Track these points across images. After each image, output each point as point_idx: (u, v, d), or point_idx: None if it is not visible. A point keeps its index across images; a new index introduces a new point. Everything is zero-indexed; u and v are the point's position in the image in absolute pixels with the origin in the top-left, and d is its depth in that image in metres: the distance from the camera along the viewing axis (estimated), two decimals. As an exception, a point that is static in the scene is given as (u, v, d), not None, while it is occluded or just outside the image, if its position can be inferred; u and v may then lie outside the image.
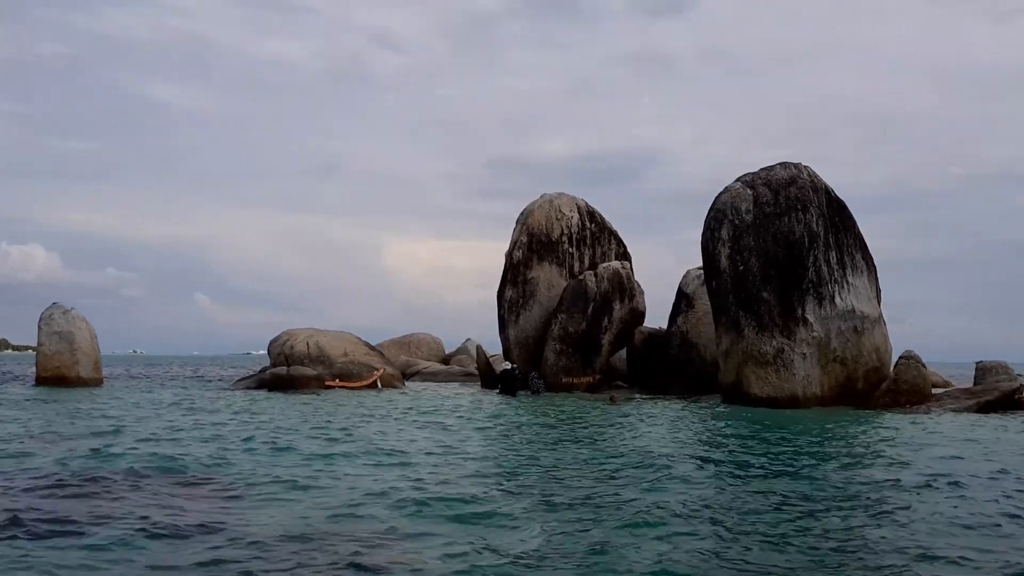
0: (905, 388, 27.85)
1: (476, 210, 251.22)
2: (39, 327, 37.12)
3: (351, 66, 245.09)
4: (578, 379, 33.79)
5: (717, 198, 28.45)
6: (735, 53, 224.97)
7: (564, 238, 37.79)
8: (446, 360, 54.01)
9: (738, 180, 29.01)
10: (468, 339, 57.53)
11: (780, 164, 29.52)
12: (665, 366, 33.95)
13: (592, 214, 38.97)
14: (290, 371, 33.73)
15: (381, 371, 34.39)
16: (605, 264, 36.87)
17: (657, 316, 37.32)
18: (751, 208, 27.60)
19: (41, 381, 36.12)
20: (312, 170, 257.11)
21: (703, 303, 34.37)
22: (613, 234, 39.26)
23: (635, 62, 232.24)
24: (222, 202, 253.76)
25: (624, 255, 39.24)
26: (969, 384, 32.83)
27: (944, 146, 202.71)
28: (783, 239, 27.37)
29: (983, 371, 40.85)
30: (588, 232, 38.43)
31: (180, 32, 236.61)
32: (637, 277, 37.64)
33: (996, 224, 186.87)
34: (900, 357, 28.57)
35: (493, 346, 51.80)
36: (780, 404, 26.10)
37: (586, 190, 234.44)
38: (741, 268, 27.15)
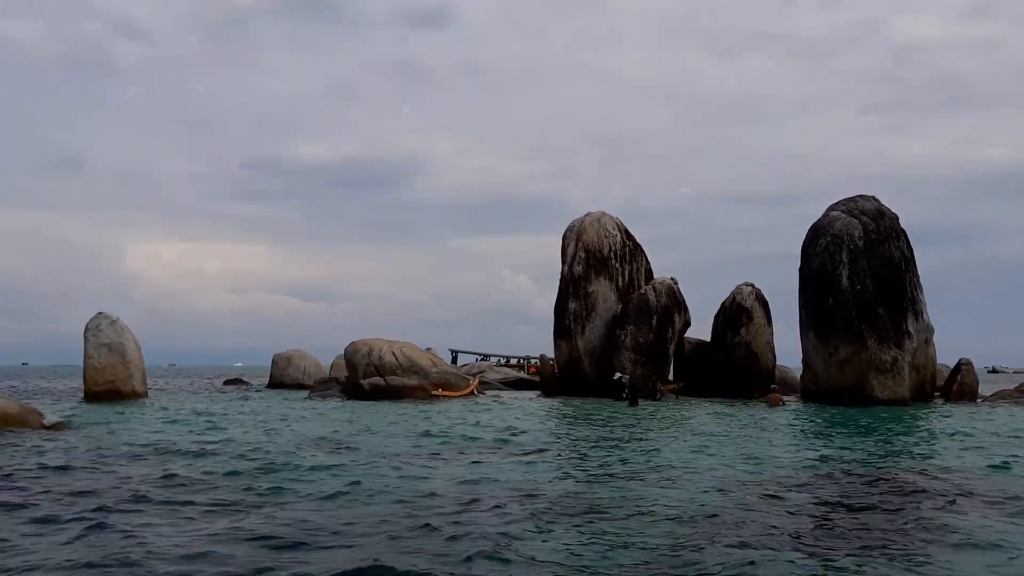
0: (967, 389, 33.27)
1: (229, 212, 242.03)
2: (85, 338, 34.21)
3: (91, 54, 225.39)
4: (665, 386, 36.34)
5: (830, 224, 32.26)
6: (491, 69, 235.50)
7: (612, 254, 40.30)
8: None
9: (836, 209, 33.10)
10: (429, 348, 58.15)
11: (860, 196, 34.04)
12: (726, 372, 37.41)
13: (628, 232, 41.75)
14: (388, 381, 33.70)
15: (476, 380, 35.15)
16: (659, 279, 39.77)
17: (418, 323, 40.86)
18: (862, 235, 31.74)
19: (92, 397, 33.25)
20: (46, 164, 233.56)
21: (758, 316, 38.34)
22: (643, 251, 42.25)
23: (395, 71, 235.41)
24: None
25: (649, 270, 42.33)
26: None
27: (673, 167, 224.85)
28: (886, 262, 31.76)
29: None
30: (627, 249, 41.17)
31: None
32: (399, 286, 41.10)
33: (720, 239, 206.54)
34: (961, 364, 33.99)
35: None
36: (893, 404, 30.29)
37: (347, 195, 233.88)
38: (859, 287, 31.16)
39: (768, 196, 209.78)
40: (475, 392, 34.16)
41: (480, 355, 70.20)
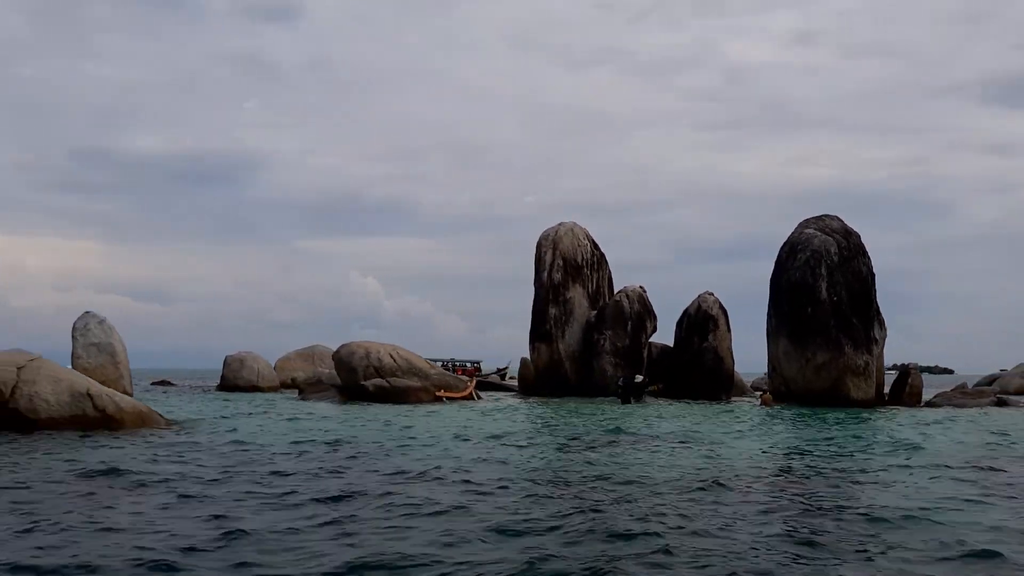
0: (914, 391, 37.11)
1: (55, 204, 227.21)
2: (74, 338, 33.01)
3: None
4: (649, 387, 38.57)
5: (808, 241, 35.30)
6: (340, 68, 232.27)
7: (584, 263, 42.28)
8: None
9: (809, 227, 36.26)
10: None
11: (826, 215, 37.41)
12: (697, 375, 40.06)
13: (595, 242, 43.83)
14: (391, 382, 34.23)
15: (474, 382, 36.12)
16: (630, 287, 42.00)
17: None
18: (836, 251, 35.00)
19: (83, 398, 32.18)
20: None
21: (722, 323, 41.24)
22: (607, 261, 44.45)
23: (239, 64, 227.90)
24: None
25: (611, 278, 44.59)
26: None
27: (521, 175, 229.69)
28: (857, 276, 35.16)
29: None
30: (595, 258, 43.26)
31: None
32: (241, 286, 42.95)
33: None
34: (910, 368, 37.87)
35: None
36: (865, 405, 33.59)
37: (186, 191, 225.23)
38: (835, 299, 34.36)
39: (610, 206, 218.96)
40: (473, 394, 35.15)
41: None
